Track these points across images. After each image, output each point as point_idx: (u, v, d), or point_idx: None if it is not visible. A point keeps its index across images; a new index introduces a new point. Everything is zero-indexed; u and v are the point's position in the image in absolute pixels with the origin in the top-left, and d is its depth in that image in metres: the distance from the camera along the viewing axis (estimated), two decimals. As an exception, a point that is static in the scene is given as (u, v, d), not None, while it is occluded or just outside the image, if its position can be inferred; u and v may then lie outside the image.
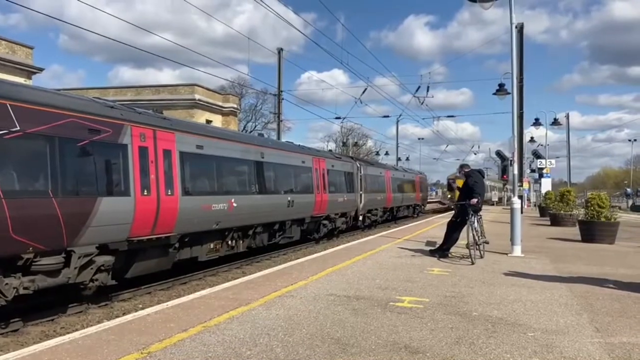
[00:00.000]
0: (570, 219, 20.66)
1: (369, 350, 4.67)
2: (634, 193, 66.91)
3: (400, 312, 6.14)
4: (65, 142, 9.67)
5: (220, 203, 14.42)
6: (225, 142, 15.44)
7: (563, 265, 10.15)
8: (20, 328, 9.33)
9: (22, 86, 11.03)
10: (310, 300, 6.67)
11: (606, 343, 4.99)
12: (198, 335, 5.04)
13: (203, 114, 41.72)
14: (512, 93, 13.79)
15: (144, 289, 12.73)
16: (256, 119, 68.63)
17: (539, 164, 40.97)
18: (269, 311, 6.05)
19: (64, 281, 9.81)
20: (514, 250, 11.67)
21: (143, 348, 4.60)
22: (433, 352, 4.63)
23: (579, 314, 6.18)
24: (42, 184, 9.30)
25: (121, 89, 45.19)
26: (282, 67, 30.82)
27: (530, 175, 42.64)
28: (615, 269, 9.79)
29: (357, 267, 9.53)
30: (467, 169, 11.63)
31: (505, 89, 21.91)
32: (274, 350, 4.62)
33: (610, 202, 16.90)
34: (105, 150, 10.88)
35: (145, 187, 11.56)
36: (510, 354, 4.63)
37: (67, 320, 10.11)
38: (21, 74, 27.28)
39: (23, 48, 28.79)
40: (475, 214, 10.82)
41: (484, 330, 5.37)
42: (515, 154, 13.64)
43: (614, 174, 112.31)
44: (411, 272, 9.05)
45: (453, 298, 6.95)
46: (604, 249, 13.69)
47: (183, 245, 13.56)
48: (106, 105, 11.31)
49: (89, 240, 10.10)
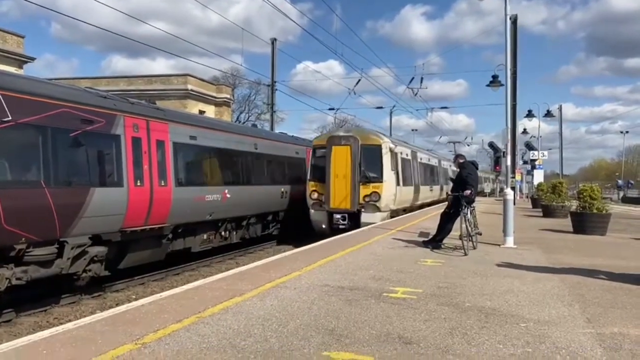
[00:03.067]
0: (562, 211, 20.79)
1: (363, 340, 4.69)
2: (625, 185, 67.36)
3: (394, 302, 6.17)
4: (57, 132, 9.62)
5: (213, 194, 14.42)
6: (219, 133, 15.41)
7: (555, 257, 10.22)
8: (13, 319, 9.32)
9: (14, 76, 10.93)
10: (305, 291, 6.69)
11: (597, 333, 5.04)
12: (192, 326, 5.04)
13: (196, 104, 41.54)
14: (506, 85, 13.80)
15: (138, 279, 12.74)
16: (250, 110, 68.43)
17: (532, 155, 41.15)
18: (263, 302, 6.06)
19: (57, 272, 9.79)
20: (506, 242, 11.74)
21: (137, 339, 4.60)
22: (427, 343, 4.65)
23: (570, 304, 6.23)
24: (35, 174, 9.26)
25: (113, 79, 44.89)
26: (275, 57, 30.70)
27: (522, 167, 42.81)
28: (607, 260, 9.87)
29: (351, 258, 9.55)
30: (462, 159, 11.65)
31: (499, 80, 21.88)
32: (268, 341, 4.63)
33: (601, 194, 17.01)
34: (98, 141, 10.83)
35: (139, 178, 11.53)
36: (503, 344, 4.66)
37: (60, 311, 10.10)
38: (12, 63, 27.03)
39: (14, 37, 28.51)
40: (469, 205, 10.86)
41: (476, 321, 5.41)
42: (509, 146, 13.66)
43: (606, 166, 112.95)
44: (405, 263, 9.08)
45: (446, 289, 6.99)
46: (596, 240, 13.79)
47: (176, 236, 13.57)
48: (99, 96, 11.26)
49: (82, 230, 10.08)
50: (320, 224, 18.40)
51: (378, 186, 18.04)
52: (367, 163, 18.25)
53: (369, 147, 18.36)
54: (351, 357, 4.25)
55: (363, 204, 17.87)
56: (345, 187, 17.91)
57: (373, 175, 18.23)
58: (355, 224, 17.48)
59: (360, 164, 18.01)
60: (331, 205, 18.03)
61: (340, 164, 18.04)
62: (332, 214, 18.10)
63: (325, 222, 18.21)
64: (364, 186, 18.00)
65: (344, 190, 17.93)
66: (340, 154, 18.09)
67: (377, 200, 17.91)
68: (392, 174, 19.08)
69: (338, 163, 18.09)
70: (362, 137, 18.56)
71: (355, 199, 17.81)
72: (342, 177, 17.99)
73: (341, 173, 18.00)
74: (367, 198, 17.91)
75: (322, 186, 18.27)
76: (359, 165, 18.01)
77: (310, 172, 19.20)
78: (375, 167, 18.35)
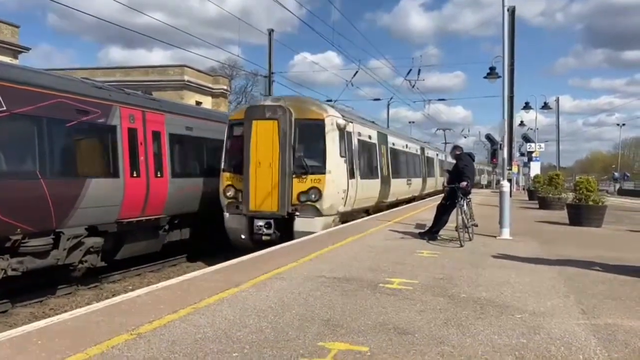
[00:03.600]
0: (558, 203, 20.85)
1: (358, 331, 4.70)
2: (621, 177, 67.52)
3: (389, 293, 6.18)
4: (53, 123, 9.58)
5: (210, 185, 14.39)
6: (216, 124, 15.36)
7: (551, 248, 10.25)
8: (9, 309, 9.33)
9: (9, 66, 10.87)
10: (300, 282, 6.69)
11: (592, 324, 5.06)
12: (188, 317, 5.04)
13: (193, 95, 41.40)
14: (503, 76, 13.78)
15: (134, 270, 12.76)
16: (247, 101, 68.25)
17: (529, 147, 41.21)
18: (258, 293, 6.06)
19: (53, 262, 9.79)
20: (502, 233, 11.76)
21: (133, 329, 4.60)
22: (422, 333, 4.67)
23: (566, 296, 6.25)
24: (30, 165, 9.23)
25: (110, 69, 44.66)
26: (272, 48, 30.55)
27: (519, 159, 42.88)
28: (602, 251, 9.90)
29: (347, 249, 9.56)
30: (459, 151, 11.64)
31: (496, 72, 21.89)
32: (263, 332, 4.64)
33: (598, 186, 17.06)
34: (94, 132, 10.81)
35: (135, 169, 11.51)
36: (498, 335, 4.68)
37: (56, 301, 10.11)
38: (7, 53, 26.88)
39: (9, 27, 28.32)
40: (465, 197, 10.87)
41: (472, 312, 5.42)
42: (505, 138, 13.67)
43: (602, 158, 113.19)
44: (401, 254, 9.09)
45: (442, 280, 7.01)
46: (592, 232, 13.84)
47: (173, 227, 13.55)
48: (95, 86, 11.20)
49: (78, 221, 10.07)
50: (238, 234, 13.22)
51: (319, 179, 12.88)
52: (304, 146, 13.19)
53: (307, 123, 13.16)
54: (346, 347, 4.26)
55: (297, 205, 12.86)
56: (271, 180, 12.76)
57: (313, 164, 13.03)
58: (286, 234, 12.57)
59: (293, 148, 12.91)
60: (250, 207, 12.86)
61: (264, 146, 12.83)
62: (252, 220, 12.97)
63: (245, 231, 13.05)
64: (299, 179, 12.90)
65: (269, 185, 12.78)
66: (264, 133, 12.85)
67: (318, 199, 12.83)
68: (341, 162, 13.77)
69: (261, 145, 12.85)
70: (297, 109, 13.20)
71: (285, 197, 12.70)
72: (266, 165, 12.80)
73: (265, 160, 12.81)
74: (303, 196, 12.87)
75: (239, 179, 13.19)
76: (291, 148, 12.85)
77: (224, 159, 13.81)
78: (315, 152, 13.20)
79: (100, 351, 4.08)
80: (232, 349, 4.20)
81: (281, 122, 12.75)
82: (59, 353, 4.01)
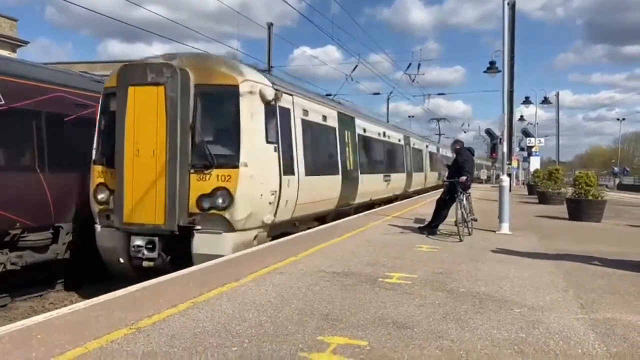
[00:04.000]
0: (558, 197, 20.84)
1: (357, 325, 4.70)
2: (621, 172, 67.57)
3: (388, 288, 6.18)
4: (52, 117, 9.55)
5: None
6: None
7: (550, 243, 10.26)
8: (8, 304, 9.33)
9: (8, 59, 10.84)
10: (300, 276, 6.69)
11: (591, 319, 5.07)
12: (187, 311, 5.04)
13: (192, 89, 41.26)
14: (503, 71, 13.75)
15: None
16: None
17: (528, 142, 41.24)
18: (258, 287, 6.07)
19: (52, 257, 9.78)
20: (501, 228, 11.77)
21: (132, 323, 4.61)
22: (421, 328, 4.67)
23: (565, 290, 6.26)
24: (29, 159, 9.21)
25: (109, 63, 44.49)
26: (272, 42, 30.46)
27: (519, 154, 42.88)
28: (602, 246, 9.91)
29: (346, 244, 9.56)
30: (459, 145, 11.62)
31: (496, 67, 21.82)
32: (262, 326, 4.64)
33: (597, 181, 17.05)
34: (93, 126, 10.75)
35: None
36: (497, 329, 4.68)
37: (55, 296, 10.12)
38: (5, 47, 26.82)
39: (7, 20, 28.25)
40: (464, 191, 10.87)
41: (471, 307, 5.43)
42: (505, 132, 13.64)
43: (602, 153, 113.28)
44: (400, 249, 9.10)
45: (441, 274, 7.01)
46: (591, 226, 13.84)
47: None
48: (94, 80, 11.17)
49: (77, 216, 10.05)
50: (114, 256, 9.11)
51: (230, 175, 8.64)
52: (208, 125, 9.04)
53: (212, 91, 8.94)
54: (345, 342, 4.27)
55: (197, 214, 8.66)
56: (155, 176, 8.56)
57: (220, 153, 8.82)
58: (180, 257, 8.58)
59: (192, 128, 8.70)
60: (124, 218, 8.71)
61: (146, 126, 8.61)
62: (129, 236, 8.80)
63: (124, 253, 8.93)
64: (200, 176, 8.66)
65: (151, 185, 8.57)
66: (144, 105, 8.65)
67: (228, 205, 8.63)
68: (268, 151, 9.50)
69: (141, 124, 8.64)
70: (198, 70, 8.91)
71: (176, 203, 8.51)
72: (147, 154, 8.59)
73: (147, 146, 8.60)
74: (205, 202, 8.66)
75: (113, 175, 8.98)
76: (188, 129, 8.66)
77: (96, 145, 9.60)
78: (225, 135, 9.16)
79: (100, 345, 4.08)
80: (232, 343, 4.20)
81: (170, 88, 8.53)
82: (58, 347, 4.01)
